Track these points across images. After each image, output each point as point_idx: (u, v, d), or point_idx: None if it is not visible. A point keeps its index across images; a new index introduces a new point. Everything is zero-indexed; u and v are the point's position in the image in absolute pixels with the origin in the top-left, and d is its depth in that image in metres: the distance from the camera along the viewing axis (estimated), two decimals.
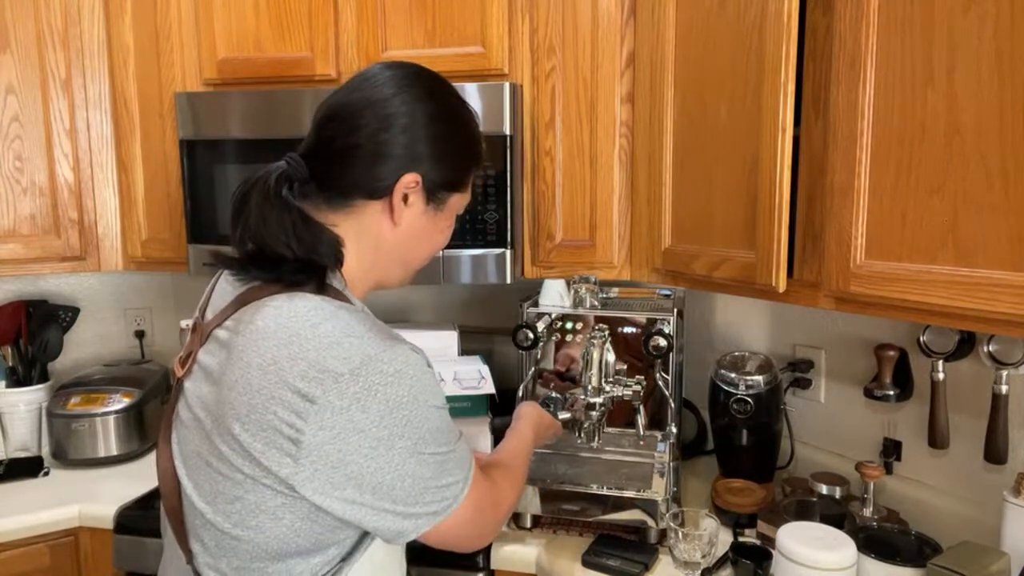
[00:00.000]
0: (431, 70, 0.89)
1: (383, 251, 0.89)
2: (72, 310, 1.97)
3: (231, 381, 0.76)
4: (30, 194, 1.70)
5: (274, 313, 0.77)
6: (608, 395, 1.39)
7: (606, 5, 1.48)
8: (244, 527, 0.78)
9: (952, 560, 1.00)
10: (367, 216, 0.86)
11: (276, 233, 0.80)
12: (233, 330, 0.79)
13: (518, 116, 1.52)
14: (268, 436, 0.74)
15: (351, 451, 0.74)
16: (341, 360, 0.74)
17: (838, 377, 1.52)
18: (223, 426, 0.76)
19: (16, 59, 1.67)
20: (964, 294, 0.87)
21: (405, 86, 0.84)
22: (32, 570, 1.53)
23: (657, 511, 1.31)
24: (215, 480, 0.78)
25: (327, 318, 0.76)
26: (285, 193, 0.81)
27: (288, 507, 0.76)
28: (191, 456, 0.81)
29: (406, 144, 0.83)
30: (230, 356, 0.77)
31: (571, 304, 1.54)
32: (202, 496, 0.80)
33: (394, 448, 0.75)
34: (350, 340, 0.75)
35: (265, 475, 0.75)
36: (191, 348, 0.85)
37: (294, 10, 1.59)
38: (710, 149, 1.27)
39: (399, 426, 0.75)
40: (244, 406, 0.74)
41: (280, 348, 0.74)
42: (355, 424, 0.73)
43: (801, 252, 1.15)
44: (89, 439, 1.74)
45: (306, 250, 0.81)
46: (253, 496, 0.76)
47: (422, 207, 0.88)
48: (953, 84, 0.88)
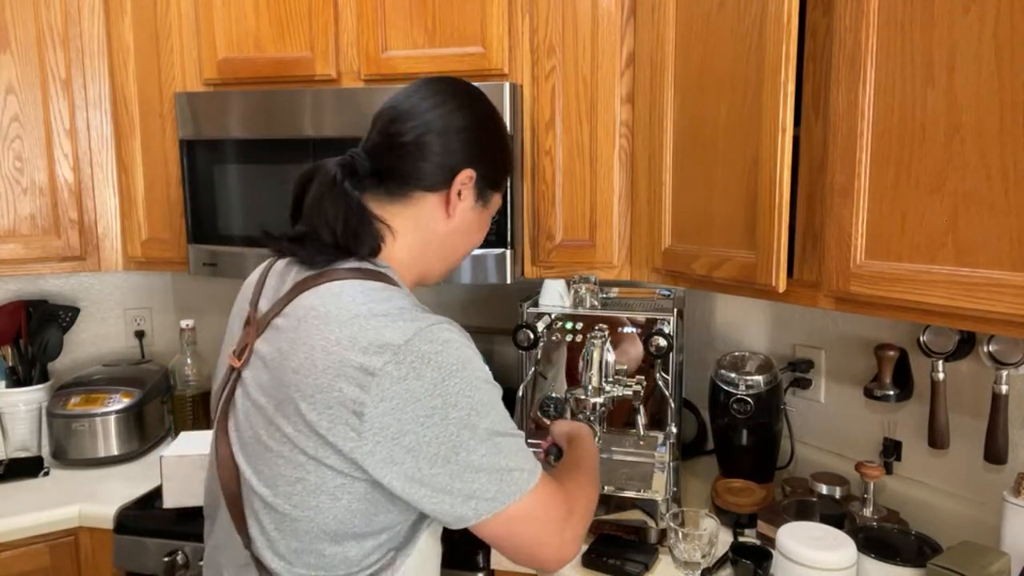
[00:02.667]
0: (471, 84, 0.98)
1: (433, 244, 0.96)
2: (72, 310, 1.97)
3: (295, 364, 0.80)
4: (30, 194, 1.70)
5: (334, 299, 0.82)
6: (608, 395, 1.39)
7: (606, 5, 1.48)
8: (304, 507, 0.81)
9: (952, 560, 1.00)
10: (425, 208, 0.93)
11: (327, 217, 0.86)
12: (293, 316, 0.84)
13: (518, 116, 1.52)
14: (334, 413, 0.77)
15: (408, 420, 0.77)
16: (397, 333, 0.78)
17: (838, 377, 1.52)
18: (288, 408, 0.80)
19: (16, 59, 1.67)
20: (964, 294, 0.87)
21: (449, 96, 0.93)
22: (32, 570, 1.53)
23: (657, 511, 1.31)
24: (276, 463, 0.81)
25: (382, 299, 0.82)
26: (347, 184, 0.88)
27: (347, 487, 0.80)
28: (250, 443, 0.84)
29: (465, 143, 0.92)
30: (293, 341, 0.82)
31: (571, 304, 1.54)
32: (262, 480, 0.83)
33: (448, 418, 0.78)
34: (403, 316, 0.81)
35: (328, 454, 0.79)
36: (247, 340, 0.89)
37: (294, 10, 1.59)
38: (710, 149, 1.27)
39: (452, 394, 0.79)
40: (310, 387, 0.78)
41: (342, 329, 0.79)
42: (412, 392, 0.77)
43: (801, 252, 1.15)
44: (89, 439, 1.74)
45: (348, 237, 0.87)
46: (314, 476, 0.80)
47: (472, 203, 0.96)
48: (953, 84, 0.88)
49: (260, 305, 0.92)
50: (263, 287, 0.95)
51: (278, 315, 0.87)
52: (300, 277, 0.88)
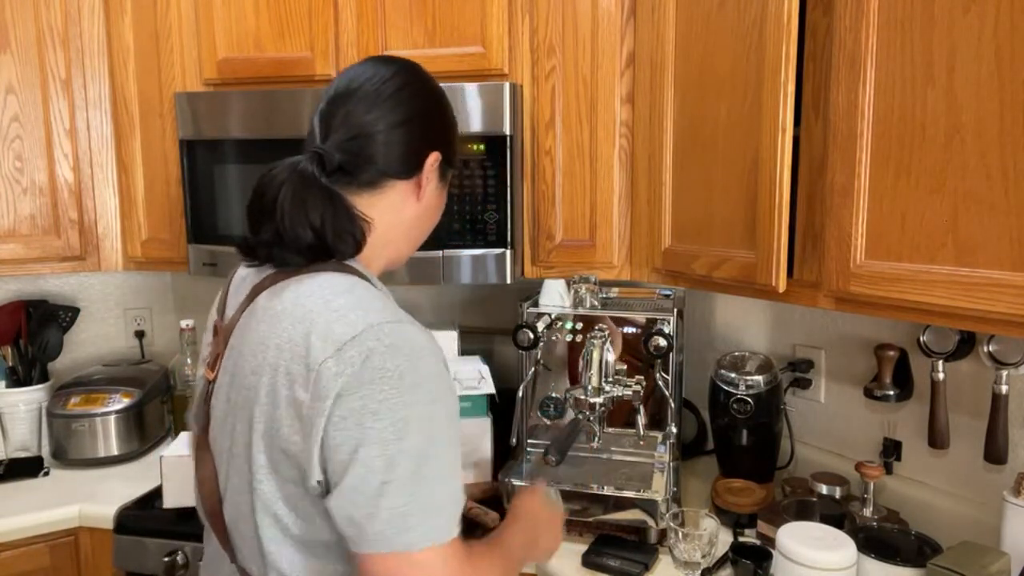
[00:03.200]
0: (413, 62, 0.96)
1: (402, 229, 0.94)
2: (72, 310, 1.97)
3: (254, 366, 0.79)
4: (30, 194, 1.70)
5: (291, 295, 0.80)
6: (608, 395, 1.39)
7: (606, 5, 1.48)
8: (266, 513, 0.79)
9: (952, 560, 1.00)
10: (396, 196, 0.91)
11: (312, 217, 0.81)
12: (252, 318, 0.83)
13: (518, 116, 1.52)
14: (287, 415, 0.75)
15: (335, 421, 0.72)
16: (347, 328, 0.75)
17: (838, 377, 1.52)
18: (246, 413, 0.79)
19: (16, 59, 1.67)
20: (964, 294, 0.87)
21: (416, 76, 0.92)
22: (32, 570, 1.53)
23: (657, 511, 1.31)
24: (241, 470, 0.80)
25: (340, 293, 0.79)
26: (324, 181, 0.85)
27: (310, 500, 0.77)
28: (223, 453, 0.84)
29: (428, 126, 0.92)
30: (251, 343, 0.81)
31: (571, 304, 1.54)
32: (235, 491, 0.82)
33: (363, 426, 0.71)
34: (357, 312, 0.77)
35: (285, 460, 0.77)
36: (217, 350, 0.88)
37: (294, 10, 1.59)
38: (710, 149, 1.27)
39: (378, 401, 0.72)
40: (265, 387, 0.77)
41: (295, 326, 0.77)
42: (346, 388, 0.72)
43: (801, 252, 1.15)
44: (89, 439, 1.74)
45: (334, 236, 0.83)
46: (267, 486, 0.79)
47: (436, 183, 0.95)
48: (953, 84, 0.88)
49: (227, 313, 0.91)
50: (227, 295, 0.94)
51: (238, 323, 0.86)
52: (258, 279, 0.87)
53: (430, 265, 1.50)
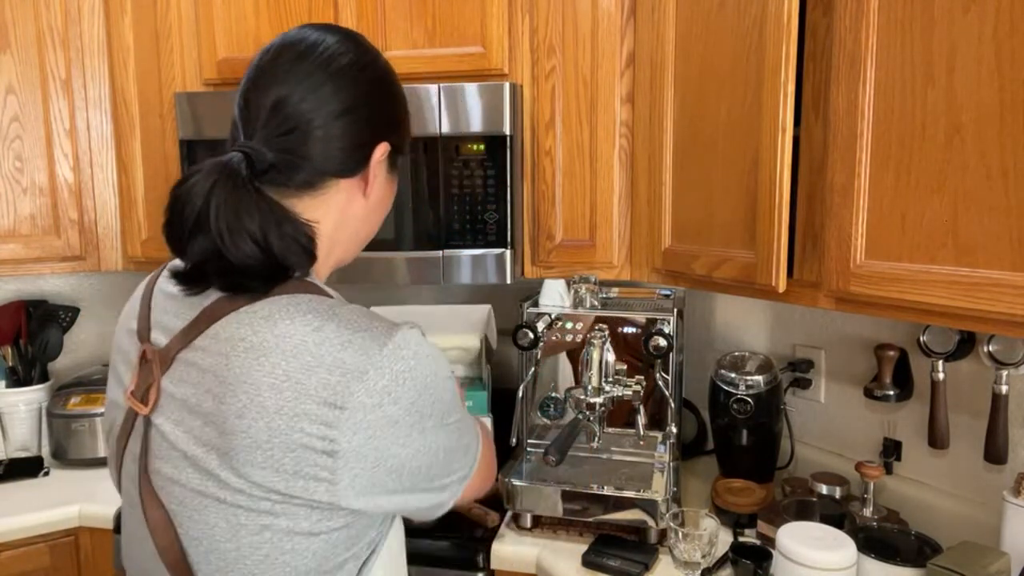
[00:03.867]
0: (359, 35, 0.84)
1: (348, 228, 0.83)
2: (72, 310, 1.97)
3: (238, 408, 0.68)
4: (30, 194, 1.70)
5: (267, 324, 0.69)
6: (608, 395, 1.39)
7: (606, 5, 1.48)
8: (278, 554, 0.71)
9: (952, 560, 1.00)
10: (339, 195, 0.80)
11: (250, 228, 0.69)
12: (214, 350, 0.71)
13: (518, 116, 1.52)
14: (298, 455, 0.68)
15: (388, 444, 0.70)
16: (358, 355, 0.69)
17: (838, 377, 1.52)
18: (239, 458, 0.69)
19: (16, 59, 1.67)
20: (964, 294, 0.87)
21: (358, 51, 0.80)
22: (32, 570, 1.53)
23: (657, 511, 1.31)
24: (234, 515, 0.70)
25: (326, 318, 0.70)
26: (255, 183, 0.72)
27: (324, 521, 0.72)
28: (189, 497, 0.72)
29: (374, 113, 0.80)
30: (225, 382, 0.69)
31: (571, 304, 1.54)
32: (218, 538, 0.71)
33: (426, 430, 0.73)
34: (359, 336, 0.70)
35: (297, 496, 0.70)
36: (150, 379, 0.74)
37: (294, 10, 1.59)
38: (710, 149, 1.27)
39: (427, 406, 0.73)
40: (263, 431, 0.68)
41: (289, 360, 0.68)
42: (389, 417, 0.70)
43: (801, 252, 1.15)
44: (89, 439, 1.74)
45: (281, 248, 0.72)
46: (284, 520, 0.70)
47: (385, 175, 0.85)
48: (953, 84, 0.88)
49: (154, 337, 0.77)
50: (151, 312, 0.79)
51: (187, 348, 0.73)
52: (207, 302, 0.73)
53: (430, 265, 1.50)
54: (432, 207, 1.48)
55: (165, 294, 0.79)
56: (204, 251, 0.70)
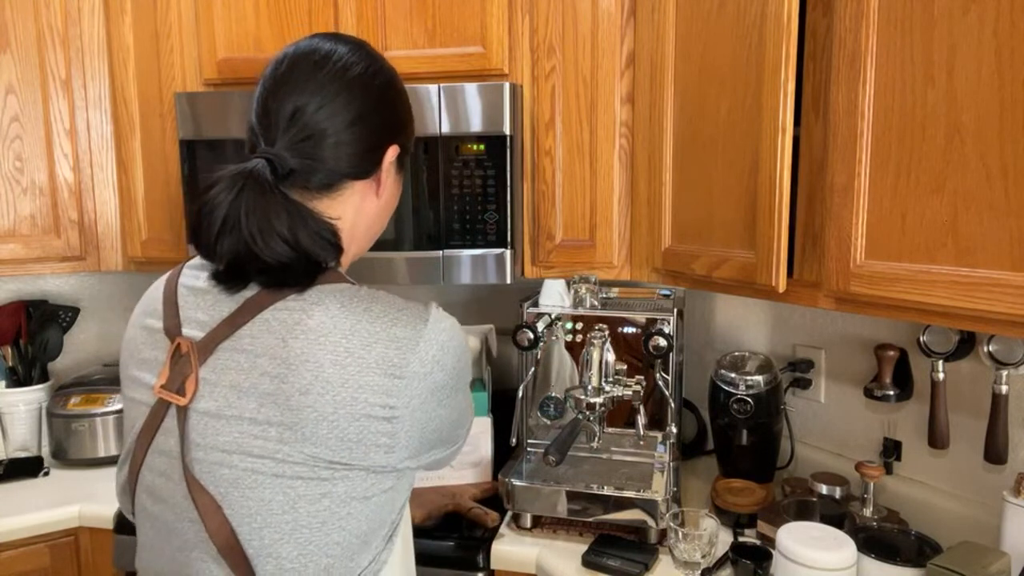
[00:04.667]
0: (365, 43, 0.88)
1: (362, 226, 0.90)
2: (72, 310, 1.97)
3: (303, 385, 0.73)
4: (30, 194, 1.70)
5: (320, 309, 0.76)
6: (608, 395, 1.39)
7: (606, 5, 1.48)
8: (336, 519, 0.76)
9: (952, 560, 1.00)
10: (354, 195, 0.86)
11: (280, 229, 0.75)
12: (270, 336, 0.75)
13: (518, 116, 1.52)
14: (361, 425, 0.75)
15: (435, 407, 0.80)
16: (408, 329, 0.77)
17: (838, 377, 1.52)
18: (300, 433, 0.74)
19: (16, 59, 1.67)
20: (964, 294, 0.87)
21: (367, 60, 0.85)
22: (32, 570, 1.53)
23: (657, 511, 1.31)
24: (292, 487, 0.75)
25: (371, 301, 0.79)
26: (280, 188, 0.78)
27: (377, 484, 0.79)
28: (243, 477, 0.75)
29: (384, 119, 0.85)
30: (287, 362, 0.74)
31: (571, 304, 1.54)
32: (275, 511, 0.75)
33: (458, 390, 0.83)
34: (401, 313, 0.79)
35: (359, 463, 0.76)
36: (186, 371, 0.78)
37: (294, 10, 1.59)
38: (710, 149, 1.27)
39: (462, 372, 0.83)
40: (329, 404, 0.74)
41: (349, 339, 0.75)
42: (436, 383, 0.79)
43: (801, 252, 1.15)
44: (89, 439, 1.74)
45: (310, 244, 0.77)
46: (342, 486, 0.76)
47: (394, 175, 0.91)
48: (953, 84, 0.88)
49: (187, 332, 0.80)
50: (178, 309, 0.82)
51: (231, 337, 0.77)
52: (249, 294, 0.78)
53: (430, 265, 1.50)
54: (432, 207, 1.48)
55: (193, 290, 0.83)
56: (234, 252, 0.76)
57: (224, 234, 0.75)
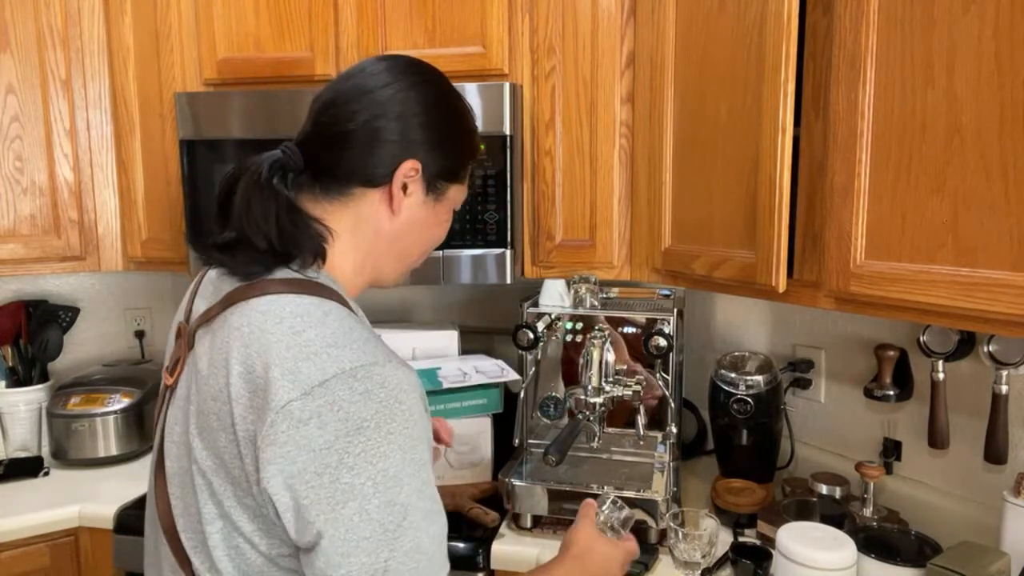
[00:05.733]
0: (425, 61, 0.88)
1: (380, 244, 0.86)
2: (72, 310, 1.97)
3: (214, 390, 0.72)
4: (30, 194, 1.70)
5: (259, 318, 0.73)
6: (608, 395, 1.39)
7: (606, 5, 1.48)
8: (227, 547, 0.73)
9: (952, 560, 1.00)
10: (365, 206, 0.83)
11: (257, 221, 0.76)
12: (218, 335, 0.75)
13: (518, 116, 1.52)
14: (241, 450, 0.70)
15: (295, 473, 0.66)
16: (316, 371, 0.68)
17: (838, 377, 1.52)
18: (208, 439, 0.72)
19: (16, 59, 1.67)
20: (964, 294, 0.87)
21: (400, 74, 0.84)
22: (32, 570, 1.53)
23: (657, 511, 1.30)
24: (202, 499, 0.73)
25: (311, 325, 0.71)
26: (276, 182, 0.79)
27: (266, 535, 0.72)
28: (180, 471, 0.77)
29: (402, 130, 0.82)
30: (213, 363, 0.73)
31: (571, 304, 1.54)
32: (191, 516, 0.75)
33: (339, 481, 0.66)
34: (329, 351, 0.69)
35: (245, 493, 0.71)
36: (178, 354, 0.81)
37: (294, 10, 1.59)
38: (710, 149, 1.27)
39: (351, 455, 0.66)
40: (226, 416, 0.70)
41: (260, 355, 0.70)
42: (309, 441, 0.66)
43: (801, 252, 1.15)
44: (89, 439, 1.74)
45: (284, 241, 0.77)
46: (233, 517, 0.72)
47: (422, 197, 0.86)
48: (953, 84, 0.88)
49: (192, 316, 0.83)
50: (195, 296, 0.86)
51: (205, 328, 0.78)
52: (230, 288, 0.78)
53: (430, 265, 1.50)
54: None
55: (208, 280, 0.85)
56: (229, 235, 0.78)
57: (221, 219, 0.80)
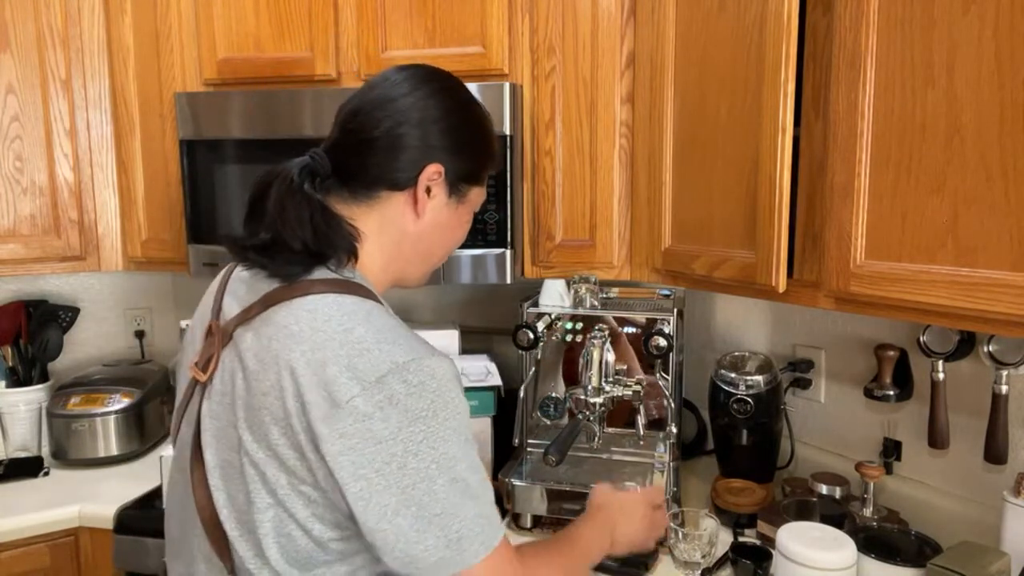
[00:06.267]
0: (444, 70, 0.93)
1: (405, 245, 0.91)
2: (72, 310, 1.97)
3: (265, 387, 0.76)
4: (30, 194, 1.70)
5: (308, 317, 0.77)
6: (608, 395, 1.39)
7: (606, 5, 1.48)
8: (278, 534, 0.77)
9: (952, 560, 1.00)
10: (391, 208, 0.88)
11: (292, 224, 0.80)
12: (263, 333, 0.79)
13: (518, 116, 1.52)
14: (301, 440, 0.74)
15: (364, 463, 0.72)
16: (371, 367, 0.73)
17: (838, 377, 1.52)
18: (260, 431, 0.76)
19: (16, 59, 1.67)
20: (964, 294, 0.87)
21: (420, 83, 0.88)
22: (32, 570, 1.53)
23: None
24: (252, 488, 0.77)
25: (359, 323, 0.77)
26: (307, 187, 0.83)
27: (318, 520, 0.76)
28: (223, 464, 0.80)
29: (423, 136, 0.86)
30: (263, 361, 0.77)
31: (571, 304, 1.54)
32: (239, 506, 0.78)
33: (406, 467, 0.73)
34: (380, 347, 0.75)
35: (301, 482, 0.75)
36: (211, 351, 0.84)
37: (294, 10, 1.59)
38: (710, 149, 1.27)
39: (415, 442, 0.73)
40: (280, 410, 0.74)
41: (314, 351, 0.74)
42: (373, 434, 0.72)
43: (801, 252, 1.15)
44: (89, 439, 1.74)
45: (320, 242, 0.82)
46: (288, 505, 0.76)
47: (444, 199, 0.90)
48: (953, 84, 0.88)
49: (224, 313, 0.87)
50: (224, 294, 0.89)
51: (245, 326, 0.82)
52: (270, 288, 0.82)
53: None
54: None
55: (238, 279, 0.89)
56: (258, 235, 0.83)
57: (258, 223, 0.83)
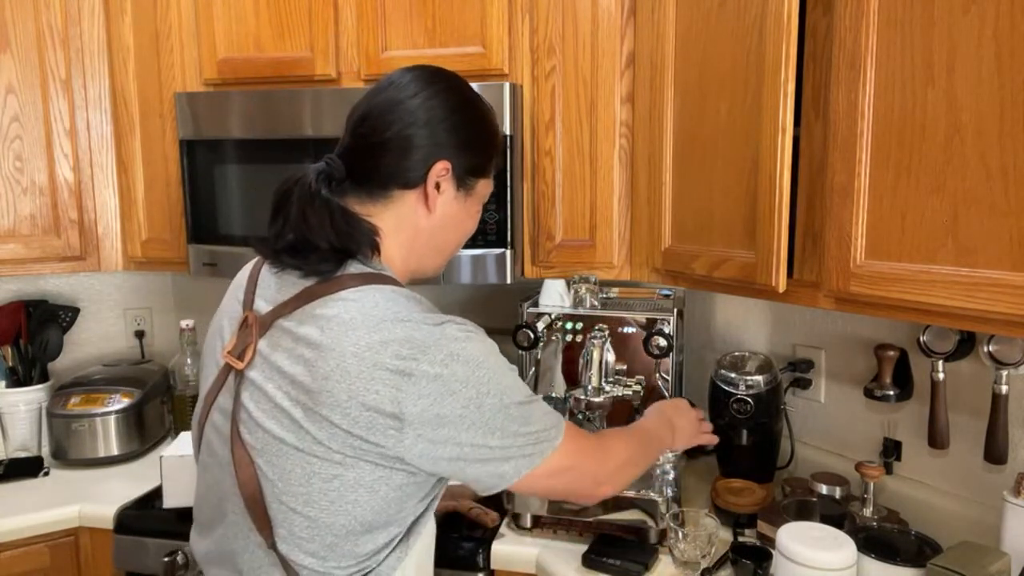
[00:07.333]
0: (447, 70, 0.98)
1: (420, 239, 0.97)
2: (72, 310, 1.97)
3: (326, 371, 0.82)
4: (30, 194, 1.70)
5: (355, 306, 0.84)
6: (608, 395, 1.39)
7: (606, 5, 1.48)
8: (342, 502, 0.84)
9: (952, 560, 1.00)
10: (404, 206, 0.94)
11: (316, 228, 0.87)
12: (311, 323, 0.85)
13: (518, 116, 1.52)
14: (371, 416, 0.81)
15: (447, 412, 0.82)
16: (425, 334, 0.83)
17: (838, 377, 1.52)
18: (320, 413, 0.82)
19: (16, 59, 1.67)
20: (964, 294, 0.87)
21: (425, 84, 0.93)
22: (32, 570, 1.53)
23: (657, 511, 1.30)
24: (309, 463, 0.83)
25: (403, 305, 0.86)
26: (324, 192, 0.89)
27: (385, 479, 0.85)
28: (272, 444, 0.85)
29: (431, 135, 0.92)
30: (319, 348, 0.83)
31: (571, 304, 1.54)
32: (293, 481, 0.84)
33: (483, 405, 0.84)
34: (426, 317, 0.85)
35: (368, 451, 0.82)
36: (248, 340, 0.89)
37: (294, 10, 1.59)
38: (710, 149, 1.28)
39: (483, 383, 0.84)
40: (344, 392, 0.81)
41: (371, 334, 0.82)
42: (447, 387, 0.82)
43: (801, 252, 1.15)
44: (89, 439, 1.74)
45: (344, 241, 0.88)
46: (352, 473, 0.83)
47: (453, 193, 0.96)
48: (953, 84, 0.88)
49: (257, 306, 0.92)
50: (256, 287, 0.95)
51: (285, 318, 0.87)
52: (308, 283, 0.89)
53: None
54: None
55: (271, 273, 0.94)
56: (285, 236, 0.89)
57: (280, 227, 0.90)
